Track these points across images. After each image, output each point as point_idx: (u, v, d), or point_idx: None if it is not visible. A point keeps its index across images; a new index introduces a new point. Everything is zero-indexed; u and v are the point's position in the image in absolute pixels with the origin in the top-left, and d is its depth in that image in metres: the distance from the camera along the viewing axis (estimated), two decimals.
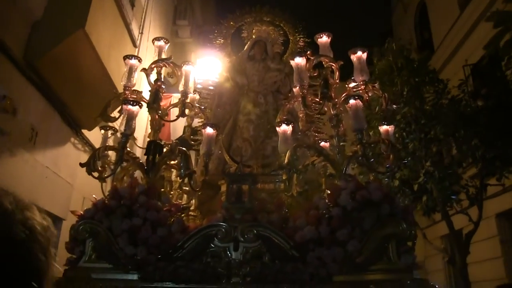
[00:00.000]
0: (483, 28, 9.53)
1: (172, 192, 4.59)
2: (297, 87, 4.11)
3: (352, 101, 3.80)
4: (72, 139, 6.98)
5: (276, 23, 5.76)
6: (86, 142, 7.33)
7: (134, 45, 8.27)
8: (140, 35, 9.29)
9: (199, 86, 5.62)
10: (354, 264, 3.35)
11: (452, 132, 7.80)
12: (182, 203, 4.46)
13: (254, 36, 5.71)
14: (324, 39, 4.38)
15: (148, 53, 8.76)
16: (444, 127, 7.80)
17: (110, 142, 4.39)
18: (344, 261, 3.34)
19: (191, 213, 4.80)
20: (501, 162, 7.67)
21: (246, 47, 5.73)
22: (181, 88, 4.13)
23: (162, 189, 4.41)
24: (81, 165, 3.84)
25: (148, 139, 4.22)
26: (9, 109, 4.93)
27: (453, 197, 8.13)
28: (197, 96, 4.87)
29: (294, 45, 5.72)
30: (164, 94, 4.70)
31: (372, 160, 4.00)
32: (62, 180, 6.59)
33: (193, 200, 4.84)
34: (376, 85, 4.26)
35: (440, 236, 11.51)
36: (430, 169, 7.82)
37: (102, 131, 4.39)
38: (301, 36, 5.66)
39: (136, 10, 9.28)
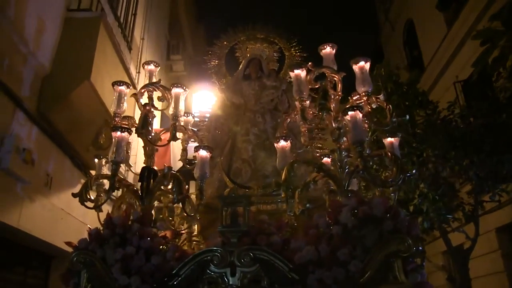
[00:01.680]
0: (472, 44, 9.47)
1: (172, 219, 4.47)
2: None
3: (351, 112, 3.66)
4: (82, 181, 7.16)
5: (270, 39, 5.67)
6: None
7: (134, 87, 8.42)
8: (137, 74, 9.39)
9: (196, 119, 5.58)
10: (357, 285, 3.18)
11: (443, 154, 7.86)
12: (182, 229, 4.34)
13: (248, 55, 5.64)
14: (327, 50, 4.21)
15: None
16: (435, 150, 7.91)
17: (105, 171, 4.31)
18: (346, 282, 3.17)
19: (194, 238, 4.68)
20: (492, 180, 7.71)
21: (240, 66, 5.64)
22: (171, 111, 4.02)
23: (161, 216, 4.30)
24: (73, 195, 3.75)
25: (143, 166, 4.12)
26: (29, 160, 5.42)
27: (448, 216, 8.17)
28: (191, 118, 4.77)
29: (290, 60, 5.60)
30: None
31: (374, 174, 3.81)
32: (75, 219, 6.95)
33: (196, 225, 4.73)
34: (381, 96, 4.10)
35: (441, 251, 11.37)
36: (425, 190, 7.91)
37: (96, 160, 4.31)
38: (297, 51, 5.55)
39: (133, 52, 9.67)
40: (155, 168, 4.00)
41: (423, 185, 7.97)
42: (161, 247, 3.61)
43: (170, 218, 4.37)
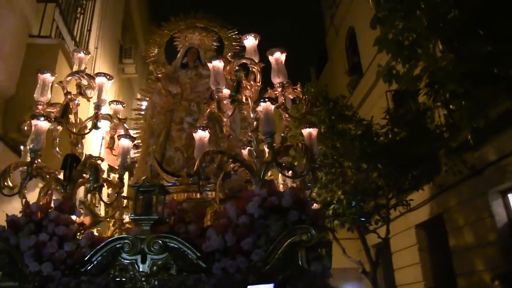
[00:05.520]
0: None
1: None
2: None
3: (263, 104, 3.71)
4: (40, 185, 7.38)
5: (209, 28, 5.68)
6: None
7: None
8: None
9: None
10: (260, 274, 3.26)
11: (356, 166, 8.76)
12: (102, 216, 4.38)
13: (187, 44, 5.64)
14: (250, 40, 4.25)
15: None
16: (350, 162, 8.82)
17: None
18: (249, 271, 3.25)
19: (128, 225, 4.74)
20: (396, 191, 8.84)
21: (179, 55, 5.65)
22: (95, 100, 4.05)
23: (89, 203, 4.34)
24: None
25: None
26: None
27: (362, 219, 9.24)
28: (120, 107, 4.76)
29: (229, 50, 5.58)
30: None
31: (284, 164, 3.87)
32: None
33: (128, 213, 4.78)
34: (298, 87, 4.16)
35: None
36: (342, 197, 8.83)
37: (22, 147, 4.34)
38: (236, 40, 5.54)
39: (88, 62, 9.57)
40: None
41: (340, 192, 8.85)
42: (78, 234, 3.67)
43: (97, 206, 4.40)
